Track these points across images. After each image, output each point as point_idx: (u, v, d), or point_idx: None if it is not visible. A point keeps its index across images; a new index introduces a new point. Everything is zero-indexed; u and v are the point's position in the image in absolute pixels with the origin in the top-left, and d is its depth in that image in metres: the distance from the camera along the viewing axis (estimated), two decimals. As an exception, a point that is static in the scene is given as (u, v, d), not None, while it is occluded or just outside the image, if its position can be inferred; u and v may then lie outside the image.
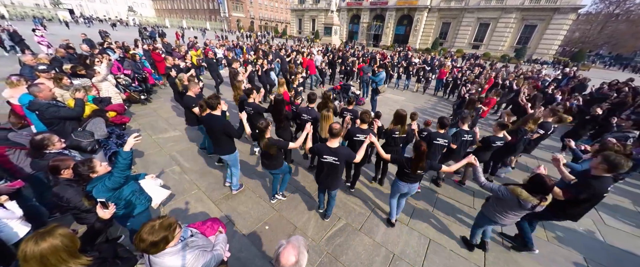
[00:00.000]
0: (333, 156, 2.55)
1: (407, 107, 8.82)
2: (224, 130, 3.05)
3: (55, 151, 2.30)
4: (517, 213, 2.39)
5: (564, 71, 13.36)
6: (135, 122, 5.98)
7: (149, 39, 19.31)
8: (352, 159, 2.64)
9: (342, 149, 2.61)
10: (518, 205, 2.25)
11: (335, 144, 2.58)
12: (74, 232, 1.34)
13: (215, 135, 3.15)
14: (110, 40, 11.02)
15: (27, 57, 5.50)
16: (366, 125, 3.28)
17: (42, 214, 2.62)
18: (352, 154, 2.64)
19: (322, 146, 2.63)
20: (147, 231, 1.26)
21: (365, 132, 3.21)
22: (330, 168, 2.65)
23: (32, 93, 3.06)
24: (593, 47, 39.60)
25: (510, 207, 2.36)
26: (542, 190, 2.15)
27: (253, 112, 3.97)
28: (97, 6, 60.75)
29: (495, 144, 3.72)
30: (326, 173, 2.71)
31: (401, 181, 2.92)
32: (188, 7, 61.46)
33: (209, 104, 3.00)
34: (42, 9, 42.68)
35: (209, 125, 3.14)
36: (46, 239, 1.17)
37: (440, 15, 31.19)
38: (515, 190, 2.25)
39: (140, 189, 2.20)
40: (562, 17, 23.74)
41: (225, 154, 3.27)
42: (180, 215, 3.28)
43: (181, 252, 1.38)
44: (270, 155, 2.95)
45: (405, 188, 2.94)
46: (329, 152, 2.56)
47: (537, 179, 2.19)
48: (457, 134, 3.80)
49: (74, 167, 1.85)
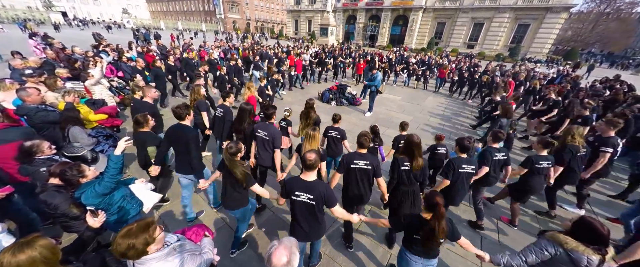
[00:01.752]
0: (308, 192, 1.88)
1: (404, 107, 8.89)
2: (190, 143, 2.67)
3: (44, 157, 2.24)
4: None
5: (558, 69, 13.55)
6: (129, 125, 5.90)
7: (143, 41, 19.15)
8: (330, 205, 1.92)
9: (319, 185, 1.92)
10: (570, 262, 1.58)
11: (310, 177, 1.93)
12: (56, 243, 1.29)
13: (182, 148, 2.73)
14: (104, 42, 10.89)
15: (17, 61, 5.40)
16: (365, 150, 2.53)
17: (33, 221, 2.56)
18: (332, 196, 1.92)
19: (294, 180, 1.96)
20: (123, 234, 1.18)
21: (365, 157, 2.48)
22: (305, 210, 1.95)
23: (20, 97, 3.01)
24: (585, 46, 40.24)
25: (558, 266, 1.65)
26: (596, 238, 1.53)
27: (222, 116, 3.79)
28: (91, 8, 60.17)
29: (540, 165, 2.95)
30: (302, 218, 1.99)
31: (410, 253, 1.95)
32: (183, 8, 61.17)
33: (176, 113, 2.67)
34: (34, 11, 42.11)
35: (174, 136, 2.70)
36: (24, 250, 1.11)
37: (435, 16, 31.46)
38: (556, 237, 1.64)
39: (131, 194, 2.17)
40: (555, 16, 24.10)
41: (191, 172, 2.82)
42: (176, 218, 3.23)
43: (168, 257, 1.32)
44: (231, 190, 2.27)
45: (417, 264, 1.95)
46: (302, 188, 1.90)
47: (583, 223, 1.60)
48: (485, 154, 3.03)
49: (62, 172, 1.80)
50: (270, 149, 3.06)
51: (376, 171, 2.46)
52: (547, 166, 2.99)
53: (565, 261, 1.59)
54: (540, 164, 2.95)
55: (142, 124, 2.81)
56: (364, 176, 2.51)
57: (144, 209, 2.31)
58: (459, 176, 2.76)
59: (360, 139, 2.52)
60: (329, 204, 1.93)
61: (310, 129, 2.68)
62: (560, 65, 21.79)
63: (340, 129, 3.60)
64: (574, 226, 1.65)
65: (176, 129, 2.70)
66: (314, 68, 11.28)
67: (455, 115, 8.40)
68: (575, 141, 3.21)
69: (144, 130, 2.84)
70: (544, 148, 3.01)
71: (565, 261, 1.59)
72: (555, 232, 1.70)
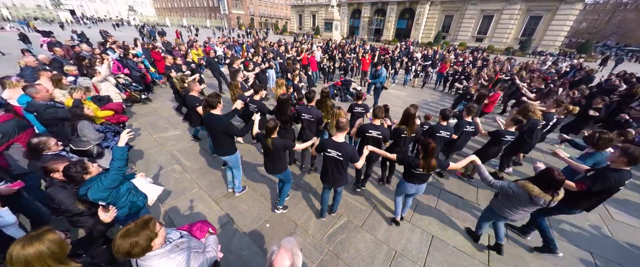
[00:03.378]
0: (337, 150, 2.49)
1: (409, 103, 8.73)
2: (226, 130, 2.95)
3: (52, 153, 2.28)
4: (528, 209, 2.33)
5: (571, 63, 13.06)
6: (136, 121, 5.98)
7: (149, 38, 19.32)
8: (355, 160, 2.53)
9: (347, 145, 2.52)
10: (529, 201, 2.19)
11: (340, 139, 2.52)
12: (65, 237, 1.31)
13: (216, 135, 3.06)
14: (111, 39, 11.02)
15: (29, 58, 5.51)
16: (379, 121, 3.18)
17: (43, 215, 2.62)
18: (356, 154, 2.54)
19: (327, 140, 2.58)
20: (122, 234, 1.19)
21: (378, 128, 3.12)
22: (335, 164, 2.58)
23: (29, 94, 3.05)
24: (601, 38, 38.62)
25: (520, 203, 2.29)
26: (554, 185, 2.07)
27: (257, 111, 3.88)
28: (98, 6, 60.89)
29: (505, 138, 3.55)
30: (331, 169, 2.64)
31: (408, 182, 2.78)
32: (188, 5, 61.24)
33: (208, 102, 2.89)
34: (44, 10, 42.88)
35: (209, 125, 3.05)
36: (33, 244, 1.14)
37: (443, 8, 30.59)
38: (527, 186, 2.17)
39: (134, 187, 2.20)
40: (569, 7, 23.09)
41: (226, 154, 3.17)
42: (181, 214, 3.27)
43: (170, 254, 1.32)
44: (273, 157, 2.82)
45: (412, 189, 2.81)
46: (333, 146, 2.51)
47: (547, 174, 2.09)
48: (458, 125, 3.74)
49: (66, 169, 1.81)
50: (314, 128, 3.78)
51: (385, 138, 3.16)
52: (510, 139, 3.57)
53: (526, 201, 2.22)
54: (505, 138, 3.53)
55: (214, 106, 2.95)
56: (376, 142, 3.15)
57: (148, 202, 2.34)
58: (436, 138, 3.52)
59: (375, 110, 3.16)
60: (354, 160, 2.53)
61: (335, 108, 3.55)
62: (574, 58, 20.96)
63: (365, 104, 4.34)
64: (540, 174, 2.17)
65: (208, 118, 2.97)
66: (327, 67, 10.52)
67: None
68: (535, 116, 3.92)
69: (214, 113, 2.99)
70: (514, 124, 3.58)
71: (526, 201, 2.22)
72: (526, 182, 2.22)
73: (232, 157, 3.22)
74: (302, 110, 3.72)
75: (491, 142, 3.72)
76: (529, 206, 2.27)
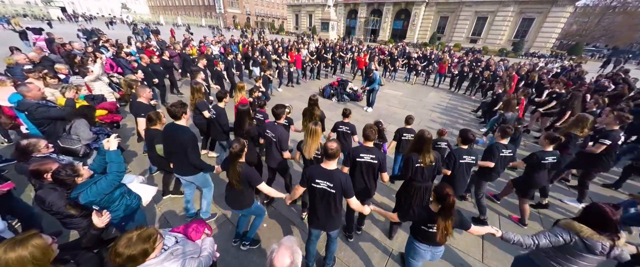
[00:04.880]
0: (328, 180, 1.91)
1: (406, 103, 8.82)
2: (185, 145, 2.44)
3: (41, 155, 2.22)
4: (584, 263, 1.68)
5: (562, 64, 13.38)
6: (130, 121, 5.89)
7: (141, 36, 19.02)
8: (348, 195, 1.97)
9: (340, 174, 1.95)
10: (585, 249, 1.62)
11: (331, 166, 1.95)
12: (52, 241, 1.27)
13: (176, 151, 2.53)
14: (104, 38, 10.83)
15: (20, 56, 5.38)
16: (371, 143, 2.53)
17: (34, 216, 2.57)
18: (351, 187, 1.97)
19: (314, 168, 1.99)
20: (123, 244, 1.15)
21: (371, 151, 2.47)
22: (326, 198, 1.98)
23: (21, 93, 2.98)
24: (590, 40, 39.59)
25: (573, 253, 1.68)
26: (606, 225, 1.58)
27: (214, 119, 3.60)
28: (90, 3, 59.66)
29: (545, 161, 2.91)
30: (321, 206, 2.03)
31: (419, 242, 1.99)
32: (183, 3, 60.50)
33: (171, 112, 2.43)
34: (34, 7, 41.82)
35: (169, 139, 2.52)
36: (15, 249, 1.10)
37: (438, 10, 30.95)
38: (572, 225, 1.67)
39: (128, 190, 2.16)
40: (560, 10, 23.64)
41: (190, 174, 2.64)
42: (177, 215, 3.24)
43: (165, 262, 1.30)
44: (236, 189, 2.20)
45: (428, 253, 2.01)
46: (323, 175, 1.93)
47: (594, 209, 1.64)
48: (492, 149, 3.04)
49: (55, 173, 1.77)
50: (279, 150, 3.01)
51: (381, 165, 2.46)
52: (552, 161, 2.94)
53: (580, 248, 1.64)
54: (545, 160, 2.92)
55: (154, 121, 2.75)
56: (370, 169, 2.51)
57: (143, 202, 2.31)
58: (460, 166, 2.85)
59: (366, 131, 2.50)
60: (347, 194, 1.96)
61: (312, 124, 2.53)
62: (564, 60, 21.46)
63: (351, 124, 3.62)
64: (586, 212, 1.70)
65: (171, 129, 2.49)
66: (313, 64, 10.97)
67: (456, 111, 8.33)
68: (580, 132, 3.36)
69: (155, 128, 2.79)
70: (551, 143, 2.95)
71: (580, 248, 1.64)
72: (570, 220, 1.72)
73: (199, 176, 2.71)
74: (267, 127, 3.05)
75: (530, 168, 3.07)
76: (586, 257, 1.65)
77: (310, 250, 2.38)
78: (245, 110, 3.11)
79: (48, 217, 2.23)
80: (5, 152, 3.99)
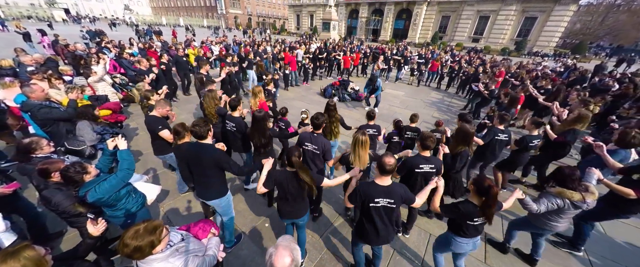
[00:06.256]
0: (388, 197, 1.85)
1: (407, 103, 8.81)
2: (218, 163, 2.23)
3: (43, 155, 2.25)
4: (569, 215, 2.24)
5: (565, 64, 13.28)
6: (133, 121, 5.94)
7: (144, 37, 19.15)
8: (410, 202, 1.96)
9: (397, 187, 1.91)
10: (573, 207, 2.13)
11: (387, 182, 1.90)
12: (46, 253, 1.26)
13: (202, 171, 2.29)
14: (106, 39, 10.93)
15: (26, 57, 5.45)
16: (429, 153, 2.50)
17: (39, 216, 2.59)
18: (410, 194, 1.94)
19: (370, 186, 1.90)
20: (130, 236, 1.19)
21: (430, 161, 2.45)
22: (385, 214, 1.93)
23: (25, 93, 3.03)
24: (594, 39, 39.22)
25: (563, 211, 2.20)
26: (575, 182, 2.10)
27: (235, 130, 3.25)
28: (93, 5, 60.12)
29: (532, 143, 3.40)
30: (378, 223, 1.95)
31: (462, 237, 2.05)
32: (185, 4, 60.80)
33: (196, 132, 2.20)
34: (38, 8, 42.25)
35: (194, 159, 2.29)
36: (7, 261, 1.08)
37: (440, 9, 30.81)
38: (565, 193, 2.11)
39: (134, 189, 2.19)
40: (563, 9, 23.42)
41: (214, 197, 2.39)
42: (179, 214, 3.26)
43: (169, 258, 1.33)
44: (302, 197, 2.16)
45: (469, 245, 2.09)
46: (382, 194, 1.86)
47: (561, 175, 2.16)
48: (489, 132, 3.48)
49: (64, 170, 1.80)
50: (320, 162, 2.90)
51: (438, 173, 2.47)
52: (536, 143, 3.43)
53: (569, 208, 2.14)
54: (532, 143, 3.40)
55: (182, 134, 2.49)
56: (426, 181, 2.43)
57: (147, 201, 2.34)
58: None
59: (425, 141, 2.45)
60: (410, 202, 1.96)
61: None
62: (568, 59, 21.30)
63: (377, 126, 3.72)
64: (554, 174, 2.23)
65: (194, 149, 2.28)
66: (308, 66, 10.49)
67: (459, 110, 8.30)
68: (579, 127, 3.51)
69: (185, 141, 2.51)
70: (536, 128, 3.41)
71: (569, 208, 2.14)
72: (561, 189, 2.14)
73: (223, 200, 2.45)
74: (305, 139, 2.85)
75: (518, 149, 3.56)
76: (571, 212, 2.19)
77: (361, 256, 2.37)
78: (262, 116, 2.95)
79: (52, 215, 2.29)
80: (9, 153, 4.05)
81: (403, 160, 2.59)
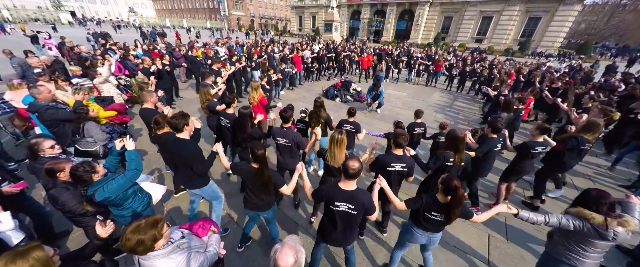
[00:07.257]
0: (349, 202, 1.81)
1: (409, 104, 8.78)
2: (189, 162, 2.29)
3: (49, 156, 2.28)
4: (597, 248, 1.73)
5: (570, 64, 13.15)
6: (137, 122, 5.99)
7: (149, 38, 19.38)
8: (370, 213, 1.87)
9: (361, 194, 1.83)
10: (597, 235, 1.65)
11: (351, 186, 1.82)
12: (54, 253, 1.29)
13: (180, 164, 2.40)
14: (111, 41, 11.07)
15: (34, 59, 5.55)
16: (401, 151, 2.47)
17: (46, 215, 2.63)
18: (372, 205, 1.86)
19: (332, 189, 1.86)
20: (132, 230, 1.22)
21: (402, 159, 2.42)
22: (346, 219, 1.90)
23: (32, 94, 3.08)
24: (599, 39, 38.78)
25: (585, 240, 1.73)
26: (602, 204, 1.68)
27: (229, 126, 3.39)
28: (98, 7, 61.06)
29: (535, 150, 3.03)
30: (340, 226, 1.94)
31: (418, 228, 2.08)
32: (188, 6, 61.44)
33: (172, 124, 2.22)
34: (45, 11, 42.99)
35: (172, 152, 2.36)
36: (16, 261, 1.10)
37: (442, 10, 30.72)
38: (583, 212, 1.70)
39: (140, 188, 2.23)
40: (567, 8, 23.21)
41: (196, 187, 2.48)
42: (182, 214, 3.29)
43: (171, 254, 1.34)
44: (265, 192, 2.21)
45: (423, 238, 2.12)
46: (343, 198, 1.81)
47: (590, 195, 1.76)
48: (485, 142, 3.13)
49: (74, 169, 1.83)
50: (296, 153, 3.01)
51: (410, 171, 2.48)
52: (541, 151, 3.09)
53: (593, 235, 1.67)
54: (535, 149, 3.05)
55: (161, 124, 2.58)
56: (399, 177, 2.49)
57: (153, 201, 2.37)
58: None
59: (397, 139, 2.41)
60: (370, 213, 1.87)
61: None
62: (572, 59, 21.07)
63: (356, 123, 3.61)
64: (583, 196, 1.81)
65: (172, 142, 2.34)
66: (312, 66, 10.69)
67: (461, 110, 8.26)
68: (588, 136, 3.11)
69: (164, 132, 2.63)
70: (541, 134, 3.07)
71: (593, 235, 1.67)
72: (581, 208, 1.75)
73: (207, 189, 2.55)
74: (276, 134, 2.97)
75: (520, 156, 3.21)
76: (597, 243, 1.70)
77: (318, 257, 2.29)
78: (248, 113, 3.02)
79: (57, 215, 2.32)
80: (16, 152, 4.11)
81: (375, 158, 2.56)
